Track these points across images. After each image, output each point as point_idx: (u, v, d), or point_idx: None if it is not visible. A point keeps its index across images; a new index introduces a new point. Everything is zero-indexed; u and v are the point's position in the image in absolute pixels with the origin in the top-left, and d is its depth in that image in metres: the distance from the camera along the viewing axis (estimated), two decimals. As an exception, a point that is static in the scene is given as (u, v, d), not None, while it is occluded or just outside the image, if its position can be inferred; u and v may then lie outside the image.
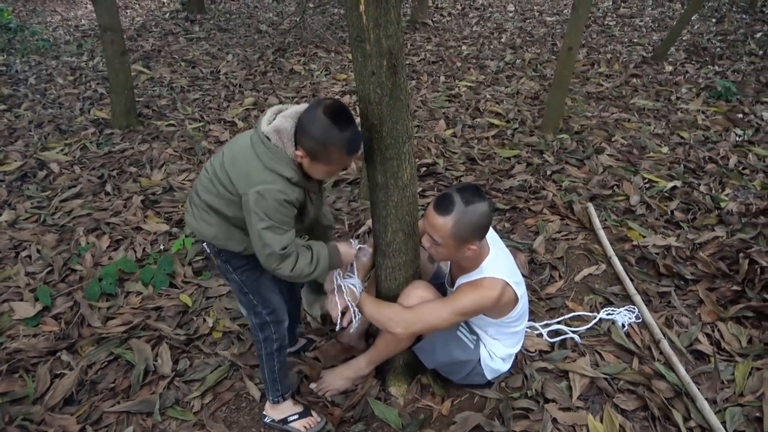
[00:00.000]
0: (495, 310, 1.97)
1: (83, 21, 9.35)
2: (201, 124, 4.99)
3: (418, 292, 1.99)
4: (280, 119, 1.68)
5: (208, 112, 5.30)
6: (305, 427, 2.11)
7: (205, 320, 2.65)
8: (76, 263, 3.09)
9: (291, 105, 1.77)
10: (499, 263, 1.93)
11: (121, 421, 2.17)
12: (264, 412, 2.16)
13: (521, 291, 1.98)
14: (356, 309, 2.00)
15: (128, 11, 9.85)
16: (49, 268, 3.06)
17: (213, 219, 1.79)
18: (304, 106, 1.72)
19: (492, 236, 2.01)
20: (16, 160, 4.27)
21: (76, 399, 2.28)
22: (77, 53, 7.30)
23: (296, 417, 2.12)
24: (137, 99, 5.29)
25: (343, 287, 1.99)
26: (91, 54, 7.23)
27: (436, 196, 1.96)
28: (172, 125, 4.98)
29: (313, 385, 2.29)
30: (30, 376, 2.37)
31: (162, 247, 3.24)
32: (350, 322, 2.00)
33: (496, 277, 1.88)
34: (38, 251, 3.20)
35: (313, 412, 2.16)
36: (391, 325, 1.91)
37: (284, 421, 2.12)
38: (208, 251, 1.90)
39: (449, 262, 2.20)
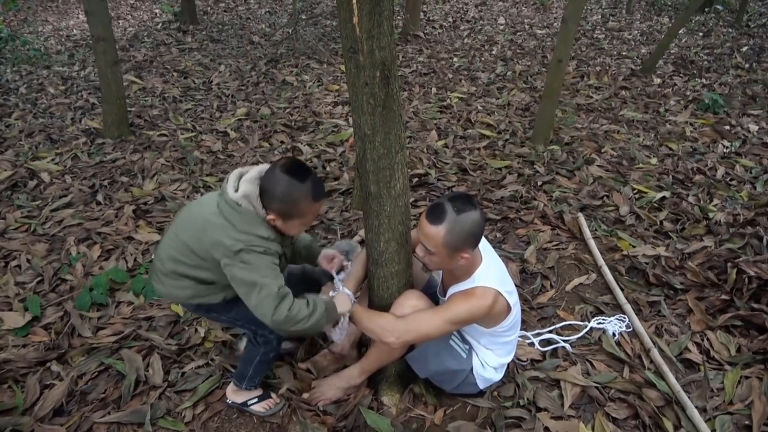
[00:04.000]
0: (487, 319, 1.97)
1: (75, 31, 9.34)
2: (193, 134, 4.99)
3: (410, 302, 1.99)
4: (245, 185, 1.72)
5: (200, 122, 5.30)
6: (264, 408, 2.20)
7: (196, 330, 2.64)
8: (67, 273, 3.07)
9: (250, 167, 1.81)
10: (491, 272, 1.94)
11: (111, 431, 2.16)
12: (227, 394, 2.23)
13: (513, 300, 1.99)
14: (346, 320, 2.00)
15: (120, 21, 9.86)
16: (39, 278, 3.04)
17: (185, 283, 1.84)
18: (263, 166, 1.77)
19: (484, 246, 2.02)
20: (6, 170, 4.25)
21: (66, 410, 2.25)
22: (69, 63, 7.29)
23: (255, 400, 2.20)
24: (129, 109, 5.29)
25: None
26: (83, 64, 7.23)
27: (428, 205, 1.98)
28: (164, 135, 4.97)
29: (305, 395, 2.28)
30: (19, 386, 2.34)
31: (153, 256, 3.22)
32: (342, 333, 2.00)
33: (488, 287, 1.89)
34: (28, 261, 3.18)
35: (273, 394, 2.24)
36: (384, 335, 1.91)
37: (244, 404, 2.21)
38: (187, 309, 1.91)
39: (441, 272, 2.21)
